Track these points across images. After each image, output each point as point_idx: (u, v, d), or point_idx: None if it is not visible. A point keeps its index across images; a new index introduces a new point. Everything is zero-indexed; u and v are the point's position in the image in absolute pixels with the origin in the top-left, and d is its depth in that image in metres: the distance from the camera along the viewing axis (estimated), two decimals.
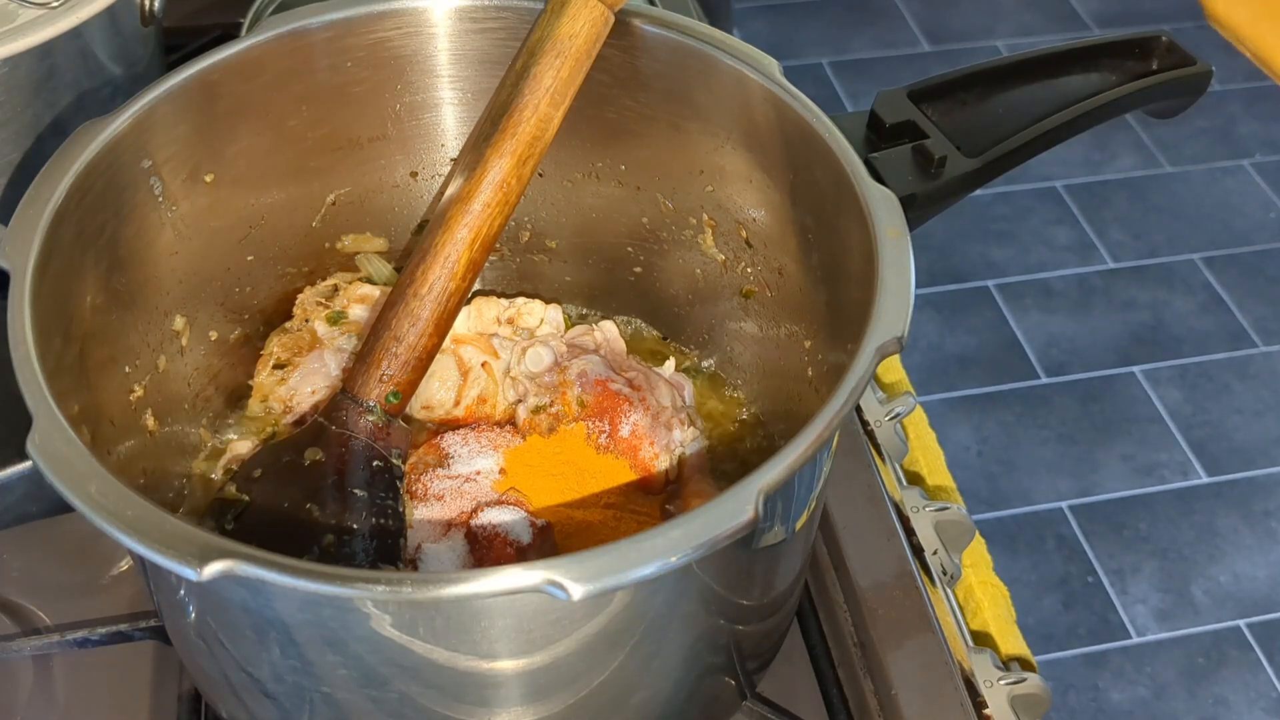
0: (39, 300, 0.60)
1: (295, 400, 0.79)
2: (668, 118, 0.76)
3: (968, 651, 0.77)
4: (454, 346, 0.79)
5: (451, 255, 0.71)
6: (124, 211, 0.69)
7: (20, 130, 0.84)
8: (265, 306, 0.83)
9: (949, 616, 0.79)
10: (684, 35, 0.73)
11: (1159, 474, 2.08)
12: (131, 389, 0.70)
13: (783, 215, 0.74)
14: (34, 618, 0.77)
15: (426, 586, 0.50)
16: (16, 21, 0.81)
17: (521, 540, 0.70)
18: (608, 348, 0.82)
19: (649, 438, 0.75)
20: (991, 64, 0.82)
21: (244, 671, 0.62)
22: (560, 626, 0.56)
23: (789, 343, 0.77)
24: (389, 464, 0.72)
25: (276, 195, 0.79)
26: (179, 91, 0.71)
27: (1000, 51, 2.84)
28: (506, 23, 0.77)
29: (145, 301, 0.72)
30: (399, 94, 0.80)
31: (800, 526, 0.65)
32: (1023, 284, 2.37)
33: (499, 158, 0.71)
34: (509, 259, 0.88)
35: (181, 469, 0.77)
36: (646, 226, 0.83)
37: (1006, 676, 0.76)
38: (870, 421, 0.89)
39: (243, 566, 0.49)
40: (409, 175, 0.84)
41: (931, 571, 0.81)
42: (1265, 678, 1.84)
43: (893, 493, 0.84)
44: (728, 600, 0.62)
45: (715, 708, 0.71)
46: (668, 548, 0.50)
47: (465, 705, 0.59)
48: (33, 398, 0.56)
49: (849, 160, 0.66)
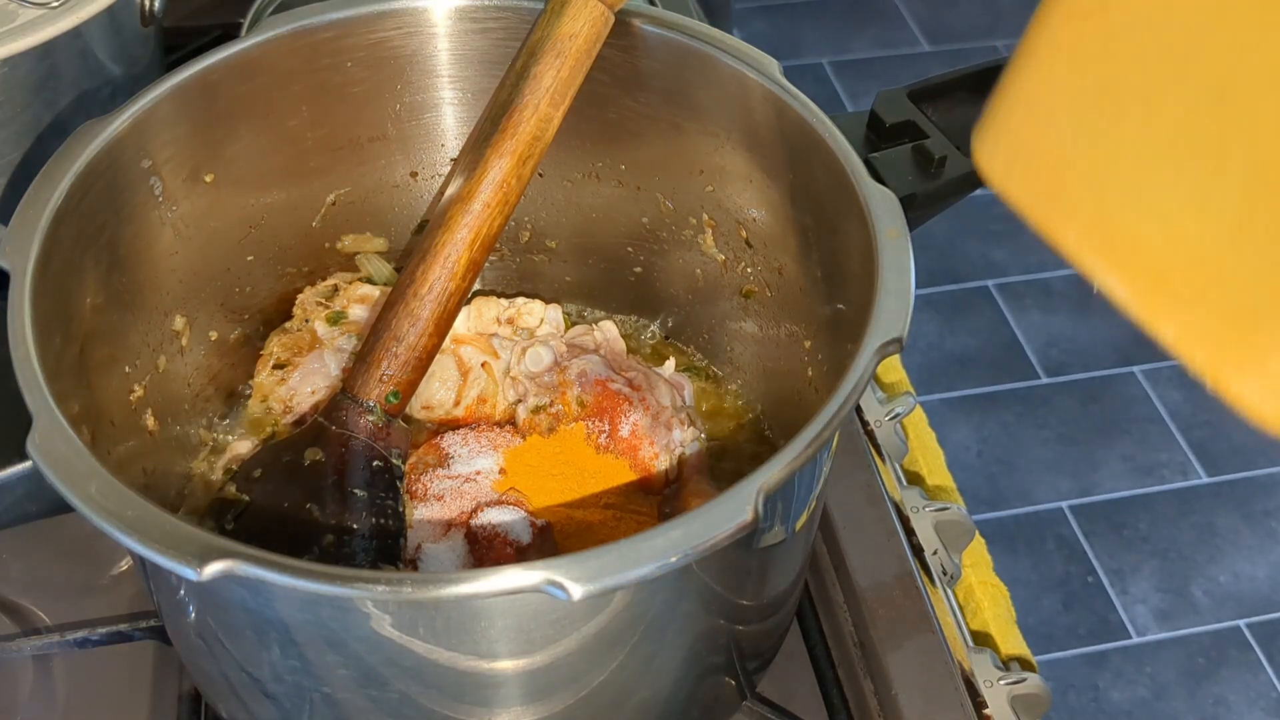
0: (39, 300, 0.60)
1: (295, 400, 0.79)
2: (668, 118, 0.76)
3: (968, 651, 0.77)
4: (454, 346, 0.79)
5: (451, 255, 0.71)
6: (124, 211, 0.69)
7: (20, 130, 0.84)
8: (265, 306, 0.83)
9: (949, 616, 0.79)
10: (684, 35, 0.73)
11: (1159, 474, 2.08)
12: (131, 389, 0.70)
13: (783, 215, 0.74)
14: (34, 618, 0.77)
15: (426, 586, 0.50)
16: (16, 21, 0.81)
17: (521, 540, 0.70)
18: (608, 348, 0.82)
19: (649, 437, 0.75)
20: (991, 64, 0.82)
21: (244, 671, 0.62)
22: (560, 626, 0.56)
23: (789, 343, 0.76)
24: (389, 464, 0.72)
25: (276, 195, 0.79)
26: (179, 91, 0.71)
27: (1000, 51, 2.84)
28: (506, 23, 0.77)
29: (145, 301, 0.72)
30: (399, 94, 0.80)
31: (800, 526, 0.65)
32: (1023, 284, 2.37)
33: (499, 158, 0.71)
34: (509, 259, 0.88)
35: (181, 469, 0.77)
36: (646, 226, 0.83)
37: (1006, 676, 0.76)
38: (870, 421, 0.89)
39: (243, 566, 0.49)
40: (409, 175, 0.84)
41: (931, 571, 0.81)
42: (1265, 678, 1.84)
43: (893, 493, 0.84)
44: (728, 600, 0.62)
45: (715, 708, 0.71)
46: (668, 548, 0.50)
47: (465, 705, 0.59)
48: (33, 398, 0.56)
49: (849, 160, 0.66)
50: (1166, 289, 0.45)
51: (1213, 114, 0.42)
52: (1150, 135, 0.44)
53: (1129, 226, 0.46)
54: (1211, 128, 0.42)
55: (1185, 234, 0.44)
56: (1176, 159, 0.44)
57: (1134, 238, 0.46)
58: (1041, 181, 0.49)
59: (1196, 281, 0.44)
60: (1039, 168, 0.50)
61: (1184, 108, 0.43)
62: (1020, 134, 0.50)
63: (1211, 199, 0.43)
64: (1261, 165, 0.41)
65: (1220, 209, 0.42)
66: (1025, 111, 0.50)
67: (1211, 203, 0.43)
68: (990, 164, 0.52)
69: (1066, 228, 0.48)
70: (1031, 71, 0.49)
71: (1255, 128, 0.41)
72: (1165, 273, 0.45)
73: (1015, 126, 0.50)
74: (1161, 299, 0.45)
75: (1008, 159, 0.51)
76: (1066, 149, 0.48)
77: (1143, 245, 0.45)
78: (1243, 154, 0.41)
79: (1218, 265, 0.43)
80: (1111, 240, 0.47)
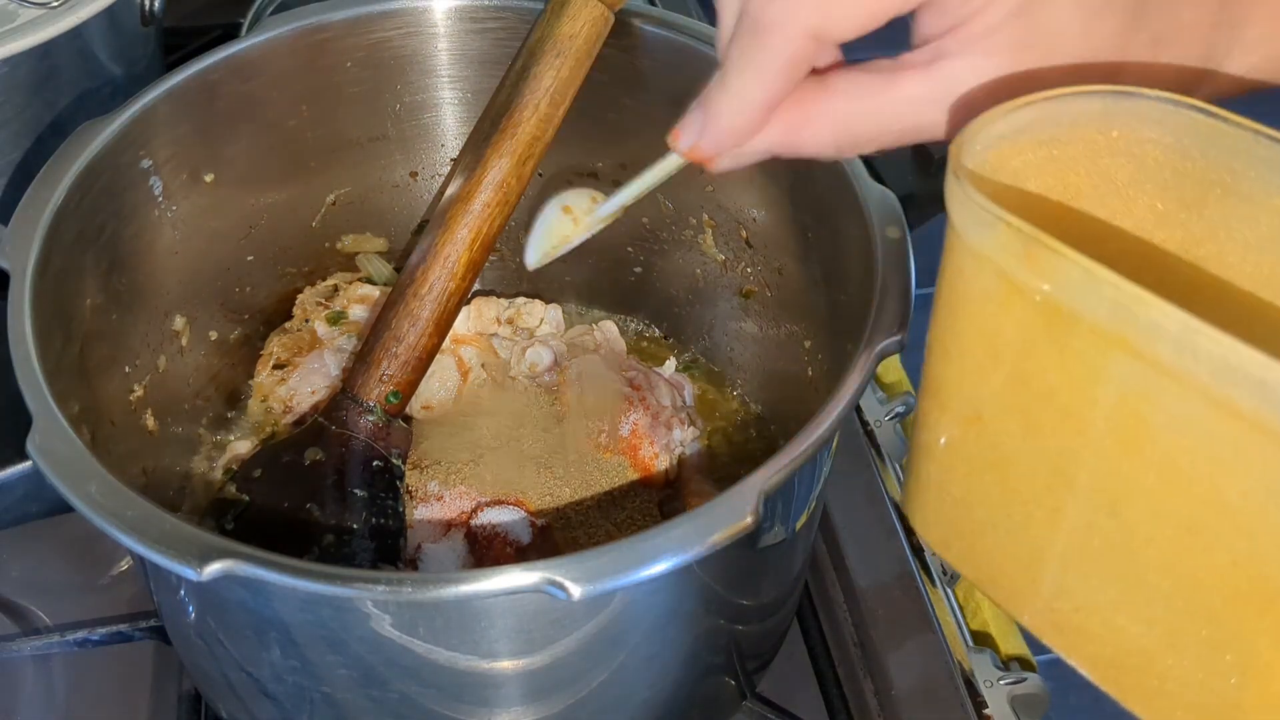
0: (39, 300, 0.60)
1: (295, 400, 0.79)
2: (668, 118, 0.76)
3: (968, 651, 0.77)
4: (454, 346, 0.79)
5: (451, 255, 0.71)
6: (124, 211, 0.69)
7: (20, 130, 0.84)
8: (265, 306, 0.83)
9: (949, 616, 0.79)
10: (684, 35, 0.73)
11: None
12: (131, 389, 0.70)
13: (783, 215, 0.74)
14: (34, 618, 0.77)
15: (426, 586, 0.50)
16: (16, 21, 0.81)
17: (521, 540, 0.70)
18: (608, 348, 0.82)
19: (649, 437, 0.75)
20: None
21: (244, 671, 0.62)
22: (560, 626, 0.56)
23: (789, 343, 0.76)
24: (389, 464, 0.72)
25: (276, 195, 0.79)
26: (179, 91, 0.71)
27: None
28: (506, 23, 0.77)
29: (145, 301, 0.72)
30: (399, 94, 0.80)
31: (800, 527, 0.65)
32: None
33: (499, 158, 0.71)
34: (509, 259, 0.88)
35: (181, 469, 0.77)
36: (646, 226, 0.83)
37: (1007, 676, 0.76)
38: (870, 421, 0.89)
39: (243, 566, 0.49)
40: (409, 175, 0.84)
41: (931, 571, 0.81)
42: None
43: (892, 493, 0.84)
44: (728, 600, 0.62)
45: (715, 708, 0.71)
46: (668, 548, 0.50)
47: (465, 705, 0.59)
48: (33, 398, 0.56)
49: (849, 160, 0.66)
50: (1125, 678, 0.44)
51: (1111, 528, 0.41)
52: (1060, 540, 0.43)
53: (1071, 618, 0.45)
54: (1114, 539, 0.41)
55: (1126, 634, 0.43)
56: (1094, 568, 0.43)
57: (1079, 629, 0.45)
58: (977, 562, 0.48)
59: (1149, 676, 0.43)
60: (971, 549, 0.48)
61: (1083, 520, 0.42)
62: (945, 513, 0.49)
63: (1138, 606, 0.42)
64: (1177, 579, 0.40)
65: (1149, 616, 0.42)
66: (938, 492, 0.49)
67: (1139, 609, 0.42)
68: (926, 533, 0.51)
69: (1015, 608, 0.47)
70: (935, 459, 0.48)
71: (1157, 543, 0.40)
72: (1119, 663, 0.44)
73: (936, 506, 0.49)
74: (1122, 686, 0.44)
75: (941, 534, 0.50)
76: (989, 538, 0.47)
77: (1090, 637, 0.44)
78: (1156, 567, 0.40)
79: (1163, 665, 0.42)
80: (1060, 628, 0.45)
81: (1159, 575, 0.41)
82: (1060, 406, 0.41)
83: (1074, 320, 0.38)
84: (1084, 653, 0.45)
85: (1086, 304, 0.38)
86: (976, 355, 0.44)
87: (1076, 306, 0.38)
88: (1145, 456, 0.39)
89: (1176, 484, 0.38)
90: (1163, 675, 0.42)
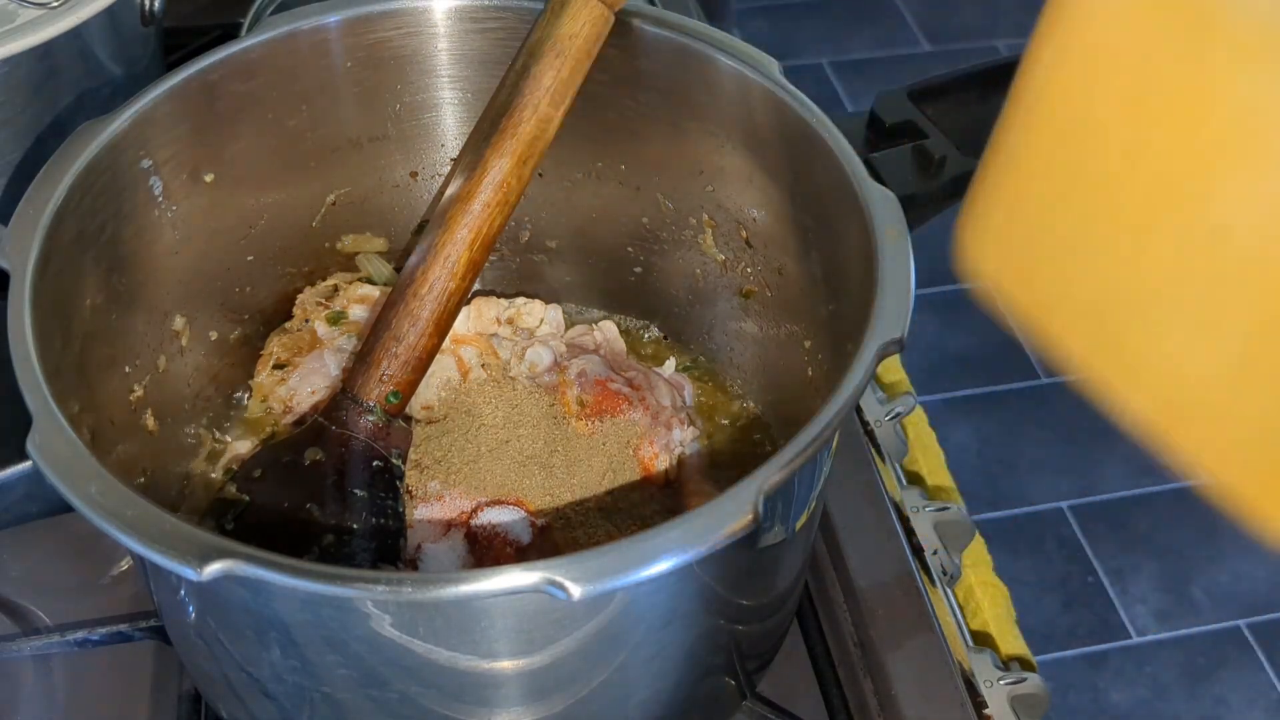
0: (39, 300, 0.60)
1: (295, 400, 0.79)
2: (668, 118, 0.76)
3: (968, 651, 0.77)
4: (454, 346, 0.79)
5: (451, 255, 0.71)
6: (124, 211, 0.69)
7: (20, 130, 0.84)
8: (265, 306, 0.83)
9: (949, 616, 0.79)
10: (684, 35, 0.73)
11: (1159, 474, 2.08)
12: (131, 389, 0.70)
13: (783, 215, 0.74)
14: (34, 618, 0.77)
15: (426, 586, 0.50)
16: (16, 21, 0.81)
17: (521, 540, 0.70)
18: (608, 348, 0.82)
19: (649, 437, 0.75)
20: (991, 64, 0.82)
21: (244, 671, 0.62)
22: (560, 626, 0.56)
23: (789, 343, 0.76)
24: (389, 464, 0.72)
25: (276, 195, 0.79)
26: (179, 91, 0.71)
27: (1000, 51, 2.83)
28: (506, 23, 0.77)
29: (145, 301, 0.72)
30: (399, 94, 0.80)
31: (800, 526, 0.65)
32: None
33: (499, 158, 0.71)
34: (509, 259, 0.88)
35: (181, 469, 0.77)
36: (646, 226, 0.83)
37: (1006, 676, 0.76)
38: (870, 421, 0.89)
39: (243, 566, 0.49)
40: (409, 175, 0.84)
41: (931, 571, 0.81)
42: (1265, 678, 1.84)
43: (893, 493, 0.84)
44: (728, 600, 0.62)
45: (715, 708, 0.71)
46: (668, 548, 0.50)
47: (465, 705, 0.59)
48: (33, 398, 0.56)
49: (849, 160, 0.66)
50: (1182, 414, 0.43)
51: (1207, 254, 0.40)
52: (1143, 266, 0.42)
53: (1135, 349, 0.43)
54: (1208, 266, 0.40)
55: (1194, 365, 0.41)
56: (1176, 295, 0.41)
57: (1142, 360, 0.43)
58: (1035, 292, 0.47)
59: (1213, 410, 0.41)
60: (1030, 278, 0.47)
61: (1174, 246, 0.41)
62: (1011, 238, 0.47)
63: (1216, 341, 0.41)
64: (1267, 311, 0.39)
65: (1227, 351, 0.40)
66: (1009, 213, 0.47)
67: (1217, 344, 0.41)
68: (981, 261, 0.50)
69: (1070, 340, 0.47)
70: (1009, 173, 0.46)
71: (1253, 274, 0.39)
72: (1179, 397, 0.42)
73: (1001, 228, 0.47)
74: (1177, 423, 0.43)
75: (999, 262, 0.48)
76: (1058, 266, 0.45)
77: (1153, 369, 0.43)
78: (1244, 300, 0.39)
79: (1232, 398, 0.41)
80: (1119, 359, 0.44)
81: (1248, 307, 0.40)
82: (1178, 119, 0.39)
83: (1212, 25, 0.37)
84: (1141, 387, 0.44)
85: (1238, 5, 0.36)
86: (1091, 61, 0.42)
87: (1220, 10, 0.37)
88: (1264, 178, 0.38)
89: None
90: (1228, 416, 0.41)
